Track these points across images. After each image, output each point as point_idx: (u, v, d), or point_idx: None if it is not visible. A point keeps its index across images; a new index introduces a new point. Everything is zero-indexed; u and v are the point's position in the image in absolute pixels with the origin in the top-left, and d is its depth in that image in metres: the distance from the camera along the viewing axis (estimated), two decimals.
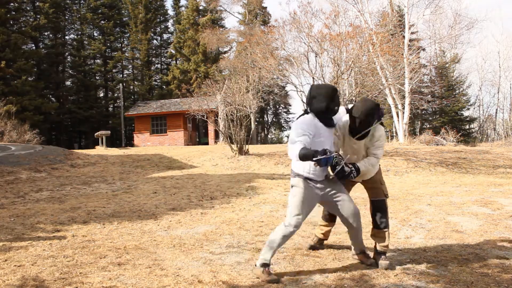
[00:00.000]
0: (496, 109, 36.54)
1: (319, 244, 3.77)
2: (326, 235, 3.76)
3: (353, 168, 3.16)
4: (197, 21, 33.72)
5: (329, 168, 3.20)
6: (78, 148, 29.53)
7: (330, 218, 3.70)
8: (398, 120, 22.47)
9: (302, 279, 3.01)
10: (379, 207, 3.35)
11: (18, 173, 8.87)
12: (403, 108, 22.16)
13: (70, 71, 36.16)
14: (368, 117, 3.08)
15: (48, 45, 34.68)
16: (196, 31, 33.01)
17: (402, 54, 17.46)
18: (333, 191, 3.20)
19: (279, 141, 39.48)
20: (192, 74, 33.08)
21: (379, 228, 3.33)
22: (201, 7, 35.13)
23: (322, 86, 3.26)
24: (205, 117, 22.70)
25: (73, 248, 3.87)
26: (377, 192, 3.39)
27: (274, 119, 41.73)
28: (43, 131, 24.85)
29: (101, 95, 38.20)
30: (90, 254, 3.68)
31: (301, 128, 3.02)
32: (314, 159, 2.77)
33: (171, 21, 40.99)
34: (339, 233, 4.35)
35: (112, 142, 34.47)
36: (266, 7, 37.21)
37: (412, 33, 24.65)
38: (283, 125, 43.19)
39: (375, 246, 3.40)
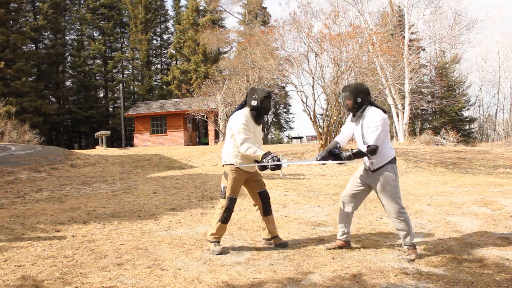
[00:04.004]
0: (496, 109, 36.57)
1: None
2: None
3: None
4: (197, 21, 33.73)
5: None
6: (78, 148, 29.55)
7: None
8: (398, 120, 22.47)
9: (302, 279, 3.01)
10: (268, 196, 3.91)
11: (18, 173, 8.87)
12: (403, 108, 22.16)
13: (70, 72, 36.17)
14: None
15: (48, 45, 34.67)
16: (196, 31, 33.01)
17: (402, 54, 17.47)
18: None
19: (279, 141, 39.46)
20: (192, 74, 33.07)
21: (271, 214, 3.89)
22: (201, 7, 35.14)
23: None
24: (205, 117, 22.73)
25: (73, 248, 3.87)
26: (262, 184, 3.91)
27: (274, 119, 41.72)
28: (43, 132, 24.87)
29: (101, 95, 38.20)
30: (90, 254, 3.68)
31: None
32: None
33: (171, 21, 41.05)
34: None
35: (112, 142, 34.48)
36: (266, 7, 37.29)
37: (412, 33, 24.64)
38: (283, 125, 43.20)
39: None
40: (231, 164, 3.72)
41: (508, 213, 5.14)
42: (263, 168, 3.68)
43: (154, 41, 40.03)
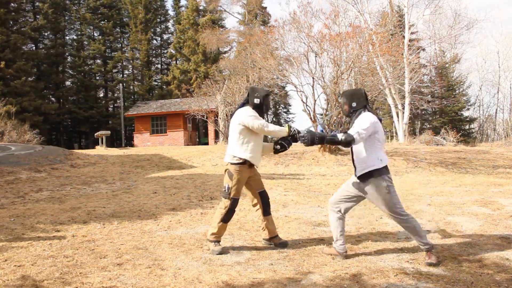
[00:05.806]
0: (496, 109, 36.58)
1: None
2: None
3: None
4: (197, 21, 33.72)
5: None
6: (78, 148, 29.53)
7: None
8: (398, 120, 22.49)
9: (302, 279, 3.01)
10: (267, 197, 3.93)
11: (18, 173, 8.87)
12: (403, 108, 22.18)
13: (70, 72, 36.15)
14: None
15: (48, 45, 34.66)
16: (196, 31, 33.00)
17: (402, 54, 17.47)
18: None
19: None
20: (192, 74, 33.07)
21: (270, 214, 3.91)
22: (201, 7, 35.13)
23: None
24: (205, 117, 22.73)
25: (73, 248, 3.87)
26: (262, 183, 3.94)
27: (274, 119, 41.74)
28: (43, 131, 24.85)
29: (101, 95, 38.19)
30: (90, 254, 3.68)
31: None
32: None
33: (171, 21, 41.03)
34: None
35: (112, 142, 34.47)
36: (265, 7, 37.22)
37: (412, 33, 24.64)
38: (283, 125, 43.18)
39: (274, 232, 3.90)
40: (240, 163, 3.69)
41: (508, 213, 5.14)
42: (289, 144, 3.79)
43: (154, 41, 40.04)
